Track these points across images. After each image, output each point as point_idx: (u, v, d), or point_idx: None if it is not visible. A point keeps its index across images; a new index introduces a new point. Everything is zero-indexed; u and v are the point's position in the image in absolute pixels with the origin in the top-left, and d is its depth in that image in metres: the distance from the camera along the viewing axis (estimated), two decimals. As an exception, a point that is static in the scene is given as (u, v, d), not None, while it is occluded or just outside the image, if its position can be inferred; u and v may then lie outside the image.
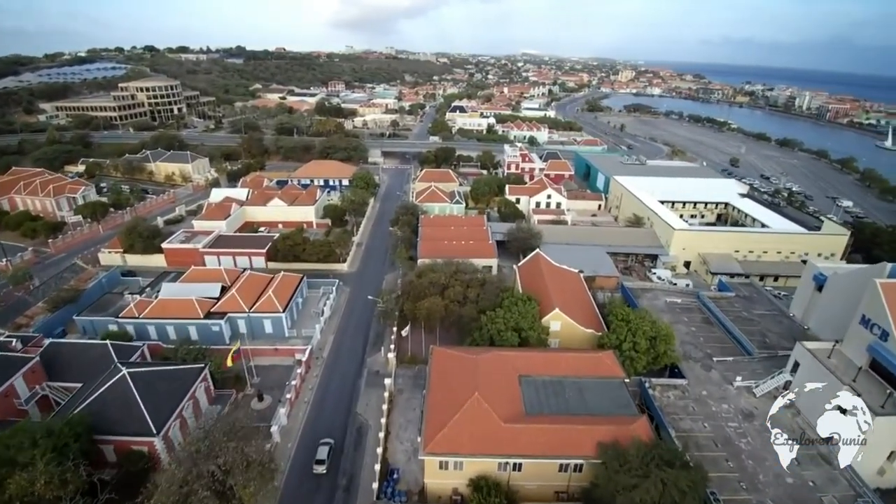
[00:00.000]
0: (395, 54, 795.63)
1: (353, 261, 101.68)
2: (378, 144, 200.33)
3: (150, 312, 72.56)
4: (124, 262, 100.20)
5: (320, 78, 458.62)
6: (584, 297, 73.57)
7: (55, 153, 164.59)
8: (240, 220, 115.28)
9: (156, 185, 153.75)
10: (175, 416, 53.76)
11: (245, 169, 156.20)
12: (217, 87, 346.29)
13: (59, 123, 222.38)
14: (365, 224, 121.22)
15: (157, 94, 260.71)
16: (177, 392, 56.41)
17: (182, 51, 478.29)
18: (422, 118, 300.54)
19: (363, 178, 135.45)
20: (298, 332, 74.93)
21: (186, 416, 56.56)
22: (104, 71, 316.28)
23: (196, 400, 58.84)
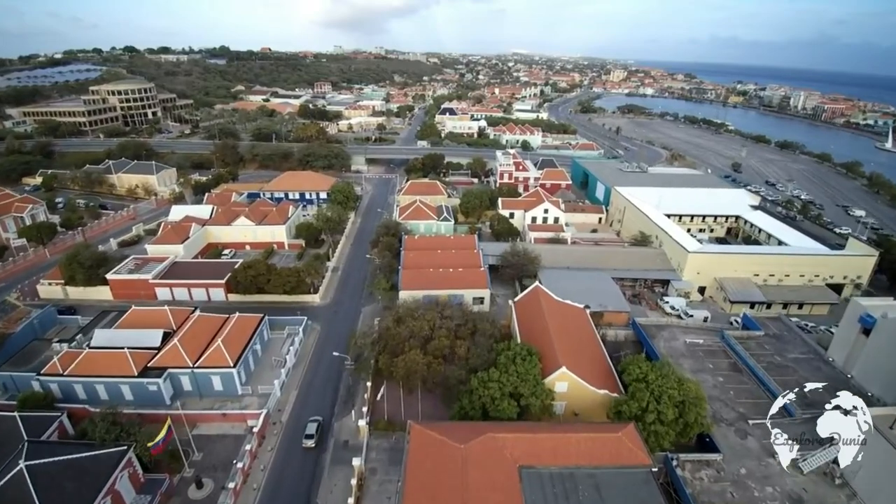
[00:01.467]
0: (385, 54, 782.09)
1: (328, 290, 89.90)
2: (362, 150, 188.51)
3: (77, 368, 60.49)
4: (66, 296, 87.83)
5: (306, 79, 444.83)
6: (593, 345, 62.49)
7: (12, 164, 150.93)
8: (201, 242, 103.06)
9: (117, 199, 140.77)
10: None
11: (215, 181, 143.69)
12: (197, 90, 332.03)
13: (25, 130, 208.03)
14: (343, 244, 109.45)
15: (129, 97, 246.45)
16: (90, 487, 44.43)
17: (164, 52, 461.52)
18: (410, 121, 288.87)
19: (342, 192, 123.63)
20: (254, 388, 63.09)
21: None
22: (78, 73, 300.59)
23: (117, 493, 46.94)
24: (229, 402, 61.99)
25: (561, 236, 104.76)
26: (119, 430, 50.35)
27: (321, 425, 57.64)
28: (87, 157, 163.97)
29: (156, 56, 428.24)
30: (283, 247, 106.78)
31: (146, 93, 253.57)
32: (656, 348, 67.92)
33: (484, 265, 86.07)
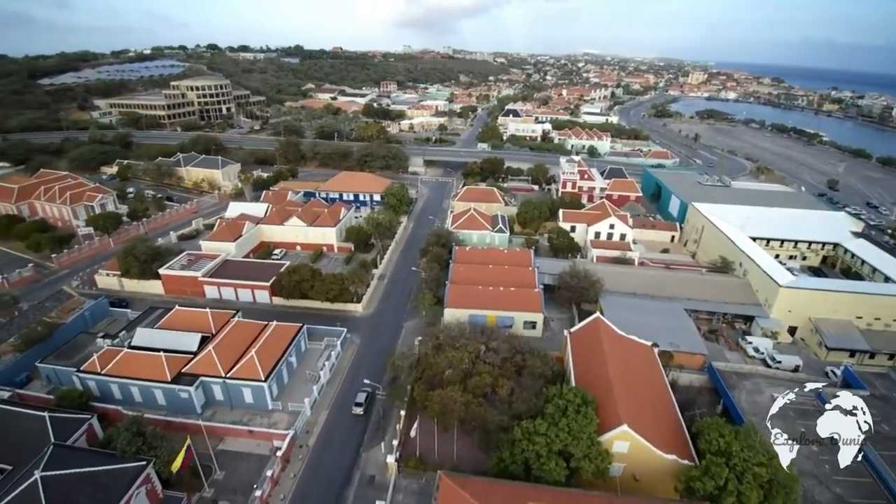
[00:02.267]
0: (452, 54, 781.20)
1: (371, 299, 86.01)
2: (421, 152, 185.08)
3: (115, 368, 60.00)
4: (121, 288, 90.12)
5: (374, 78, 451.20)
6: (660, 394, 53.64)
7: (92, 153, 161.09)
8: (254, 240, 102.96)
9: (183, 192, 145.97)
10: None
11: (275, 178, 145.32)
12: (269, 87, 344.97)
13: (110, 121, 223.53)
14: (393, 250, 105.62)
15: (206, 93, 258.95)
16: (106, 503, 42.53)
17: (243, 50, 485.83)
18: (472, 122, 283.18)
19: (395, 195, 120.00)
20: (285, 403, 59.92)
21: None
22: (162, 69, 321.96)
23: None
24: (259, 416, 59.22)
25: (627, 256, 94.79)
26: (141, 443, 48.32)
27: (370, 395, 60.83)
28: (162, 149, 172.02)
29: (235, 54, 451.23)
30: (332, 249, 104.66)
31: (222, 89, 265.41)
32: (737, 403, 57.91)
33: (539, 285, 78.57)
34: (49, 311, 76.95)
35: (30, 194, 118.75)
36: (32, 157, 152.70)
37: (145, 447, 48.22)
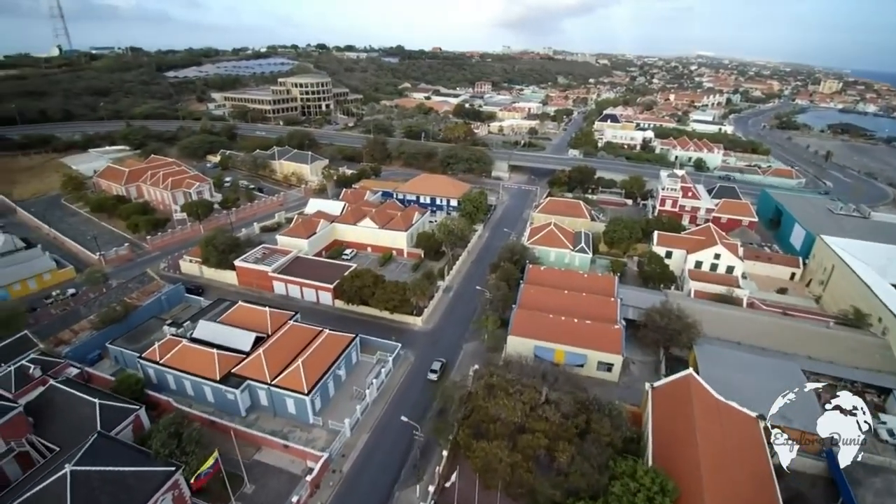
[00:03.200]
0: (552, 55, 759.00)
1: (434, 313, 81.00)
2: (507, 156, 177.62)
3: (172, 359, 60.79)
4: (201, 274, 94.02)
5: (469, 78, 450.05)
6: (764, 485, 42.18)
7: (201, 143, 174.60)
8: (327, 238, 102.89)
9: (274, 184, 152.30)
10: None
11: (357, 176, 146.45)
12: (368, 85, 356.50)
13: (222, 114, 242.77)
14: (464, 260, 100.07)
15: (309, 90, 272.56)
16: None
17: (348, 49, 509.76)
18: (566, 126, 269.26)
19: (473, 201, 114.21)
20: (327, 419, 56.72)
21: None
22: (274, 66, 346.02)
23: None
24: (299, 428, 56.62)
25: (734, 294, 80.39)
26: (175, 445, 47.16)
27: (445, 365, 67.47)
28: (262, 142, 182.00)
29: (340, 53, 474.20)
30: (402, 254, 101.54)
31: (323, 86, 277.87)
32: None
33: (621, 319, 68.30)
34: (130, 292, 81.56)
35: (138, 177, 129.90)
36: (148, 142, 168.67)
37: (178, 451, 47.03)
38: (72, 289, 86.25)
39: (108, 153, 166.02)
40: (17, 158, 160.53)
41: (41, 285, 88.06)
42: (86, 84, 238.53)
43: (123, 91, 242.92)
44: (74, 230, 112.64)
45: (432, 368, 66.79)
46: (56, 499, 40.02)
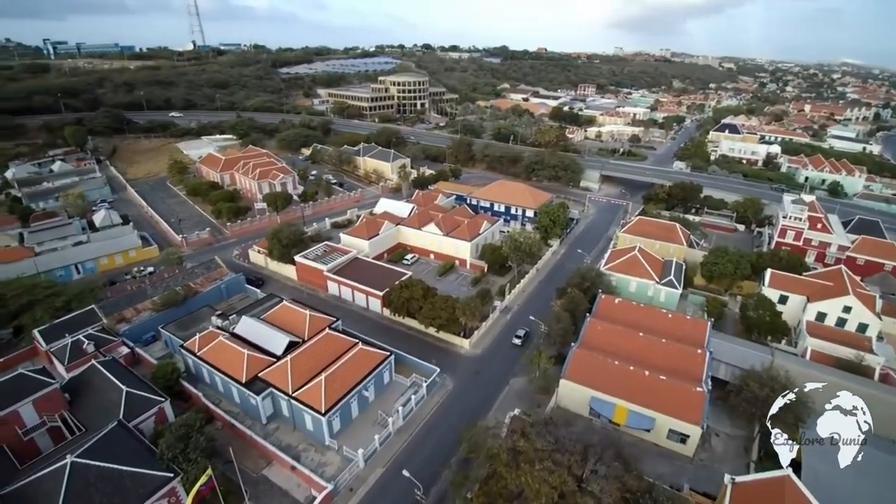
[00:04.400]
0: (669, 57, 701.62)
1: (485, 336, 73.21)
2: (599, 165, 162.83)
3: (208, 353, 59.94)
4: (266, 266, 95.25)
5: (573, 80, 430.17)
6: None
7: (296, 136, 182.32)
8: (390, 241, 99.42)
9: (355, 180, 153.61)
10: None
11: (435, 177, 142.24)
12: (466, 85, 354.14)
13: (324, 109, 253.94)
14: (531, 279, 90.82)
15: (406, 88, 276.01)
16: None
17: (453, 49, 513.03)
18: (675, 135, 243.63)
19: (550, 214, 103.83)
20: (344, 443, 51.85)
21: (126, 548, 39.79)
22: (378, 65, 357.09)
23: None
24: (314, 448, 52.54)
25: (864, 361, 62.50)
26: (179, 450, 44.89)
27: (528, 333, 72.27)
28: (353, 137, 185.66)
29: (444, 53, 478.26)
30: (464, 265, 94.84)
31: (419, 85, 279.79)
32: None
33: (707, 378, 55.30)
34: (196, 276, 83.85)
35: (232, 166, 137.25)
36: (251, 133, 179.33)
37: (182, 456, 44.70)
38: (150, 267, 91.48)
39: (216, 141, 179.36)
40: (140, 141, 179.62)
41: (126, 261, 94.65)
42: (208, 77, 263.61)
43: (240, 84, 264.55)
44: (170, 211, 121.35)
45: (517, 334, 71.79)
46: (53, 488, 39.51)
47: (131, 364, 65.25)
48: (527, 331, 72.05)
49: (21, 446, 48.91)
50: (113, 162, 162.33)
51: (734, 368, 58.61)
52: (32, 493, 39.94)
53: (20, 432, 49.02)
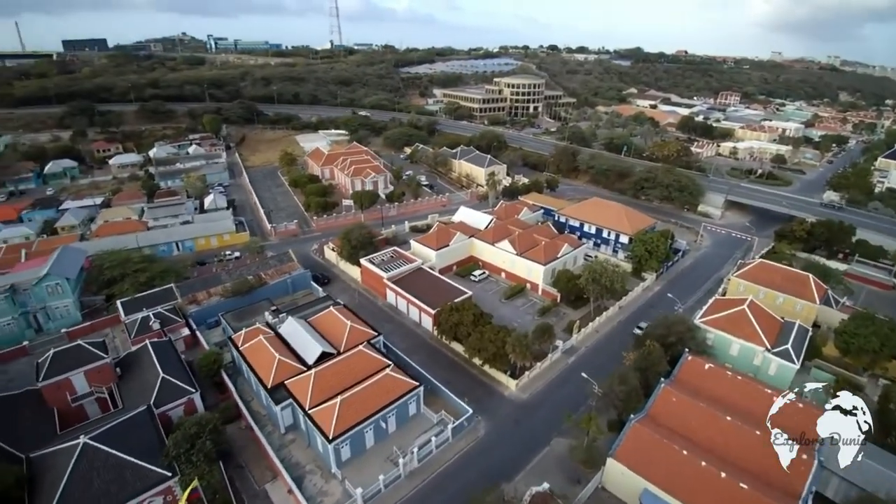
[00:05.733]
0: (838, 65, 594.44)
1: (538, 379, 64.27)
2: (726, 188, 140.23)
3: (252, 349, 60.18)
4: (336, 264, 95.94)
5: (713, 87, 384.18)
6: None
7: (401, 135, 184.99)
8: (461, 253, 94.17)
9: (448, 183, 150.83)
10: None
11: (526, 187, 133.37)
12: (588, 89, 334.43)
13: (436, 110, 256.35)
14: (611, 317, 79.12)
15: (519, 90, 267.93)
16: (112, 497, 40.36)
17: (580, 51, 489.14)
18: (833, 158, 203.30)
19: (647, 244, 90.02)
20: (349, 474, 48.00)
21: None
22: (498, 66, 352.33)
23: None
24: (320, 472, 49.54)
25: None
26: (186, 448, 44.32)
27: None
28: (457, 139, 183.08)
29: (570, 55, 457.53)
30: (536, 290, 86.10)
31: (535, 88, 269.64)
32: None
33: (805, 497, 41.22)
34: (269, 267, 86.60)
35: (332, 161, 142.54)
36: (359, 130, 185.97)
37: (184, 456, 44.10)
38: (237, 253, 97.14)
39: (329, 136, 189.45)
40: (265, 132, 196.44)
41: (220, 244, 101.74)
42: (335, 74, 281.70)
43: (362, 83, 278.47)
44: (272, 199, 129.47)
45: (639, 325, 72.11)
46: (62, 464, 41.27)
47: (191, 346, 68.92)
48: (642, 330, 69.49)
49: (69, 411, 53.03)
50: (239, 149, 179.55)
51: (852, 488, 43.25)
52: (47, 464, 42.21)
53: (69, 398, 53.13)
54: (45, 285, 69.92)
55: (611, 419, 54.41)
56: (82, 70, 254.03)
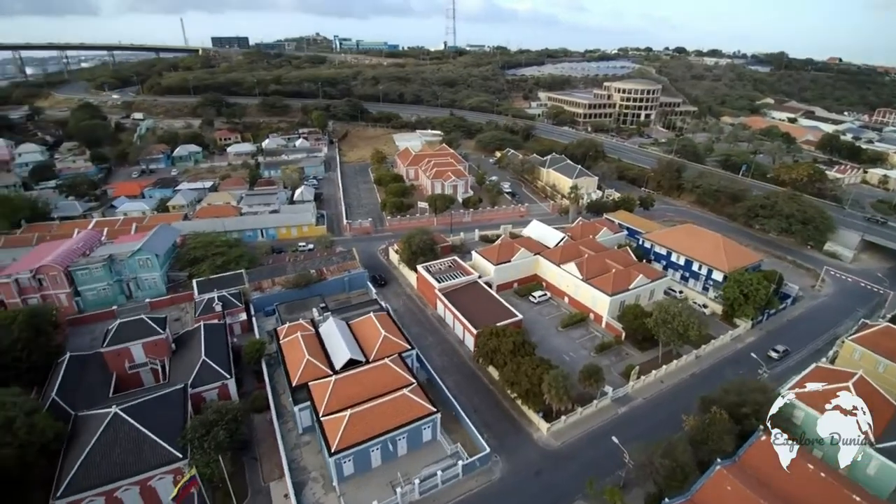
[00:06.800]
0: None
1: (575, 427, 57.27)
2: (864, 225, 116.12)
3: (284, 344, 62.00)
4: (397, 266, 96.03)
5: (871, 101, 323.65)
6: None
7: (492, 139, 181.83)
8: (524, 270, 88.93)
9: (532, 192, 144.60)
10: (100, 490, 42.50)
11: (618, 203, 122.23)
12: (713, 97, 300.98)
13: (537, 114, 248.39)
14: (684, 366, 68.86)
15: (631, 96, 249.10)
16: (123, 468, 43.62)
17: (711, 54, 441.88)
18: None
19: (742, 285, 76.78)
20: (348, 490, 47.04)
21: (123, 497, 43.63)
22: (613, 69, 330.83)
23: (152, 490, 44.82)
24: (322, 482, 49.15)
25: None
26: (201, 435, 45.99)
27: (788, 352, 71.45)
28: (552, 145, 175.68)
29: (699, 58, 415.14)
30: (599, 322, 78.04)
31: (648, 94, 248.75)
32: None
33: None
34: (331, 264, 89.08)
35: (418, 162, 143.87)
36: (453, 131, 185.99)
37: (198, 441, 45.83)
38: (311, 245, 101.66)
39: (425, 136, 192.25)
40: (367, 129, 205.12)
41: (300, 235, 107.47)
42: (441, 75, 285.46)
43: (466, 84, 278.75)
44: (356, 196, 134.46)
45: (775, 348, 70.82)
46: (93, 428, 44.99)
47: (246, 331, 73.00)
48: (786, 349, 70.04)
49: (126, 377, 58.77)
50: (340, 145, 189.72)
51: None
52: (86, 426, 46.37)
53: (127, 366, 58.75)
54: (137, 259, 78.74)
55: (649, 492, 46.56)
56: (220, 65, 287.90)
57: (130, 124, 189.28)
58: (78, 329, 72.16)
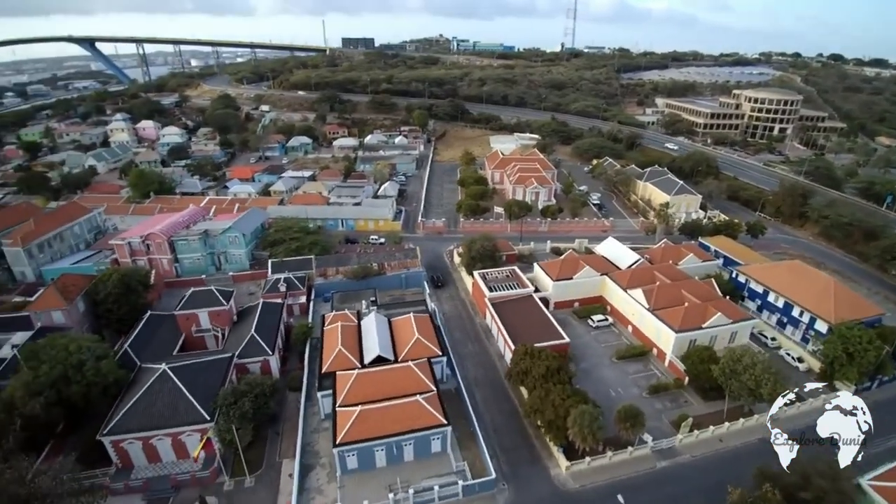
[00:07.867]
0: None
1: (602, 472, 51.96)
2: None
3: (327, 331, 65.19)
4: (458, 270, 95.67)
5: None
6: None
7: (590, 146, 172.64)
8: (588, 290, 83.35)
9: (623, 206, 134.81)
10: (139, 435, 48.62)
11: (717, 228, 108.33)
12: (869, 113, 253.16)
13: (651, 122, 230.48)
14: (753, 426, 59.22)
15: (763, 106, 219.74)
16: (165, 420, 49.38)
17: (874, 64, 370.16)
18: None
19: (851, 342, 63.62)
20: (348, 484, 48.16)
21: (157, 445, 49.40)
22: (748, 76, 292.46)
23: (182, 444, 49.73)
24: (328, 471, 50.89)
25: None
26: (230, 403, 50.06)
27: None
28: (659, 157, 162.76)
29: (856, 67, 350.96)
30: (662, 359, 70.25)
31: (785, 105, 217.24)
32: None
33: None
34: (393, 259, 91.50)
35: (504, 166, 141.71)
36: (548, 137, 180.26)
37: (225, 408, 49.88)
38: (382, 239, 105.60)
39: (522, 139, 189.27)
40: (465, 129, 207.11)
41: (376, 228, 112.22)
42: (550, 78, 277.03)
43: (575, 87, 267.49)
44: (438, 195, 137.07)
45: None
46: (144, 381, 51.37)
47: (304, 313, 78.10)
48: None
49: (192, 339, 66.39)
50: (436, 144, 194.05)
51: None
52: (142, 377, 53.04)
53: (193, 329, 66.19)
54: (227, 235, 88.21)
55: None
56: (343, 64, 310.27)
57: (257, 115, 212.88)
58: (172, 291, 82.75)
